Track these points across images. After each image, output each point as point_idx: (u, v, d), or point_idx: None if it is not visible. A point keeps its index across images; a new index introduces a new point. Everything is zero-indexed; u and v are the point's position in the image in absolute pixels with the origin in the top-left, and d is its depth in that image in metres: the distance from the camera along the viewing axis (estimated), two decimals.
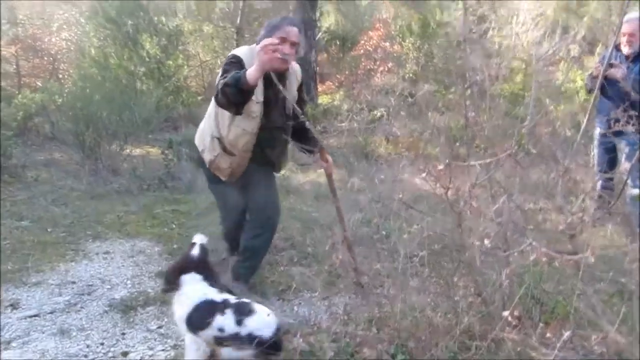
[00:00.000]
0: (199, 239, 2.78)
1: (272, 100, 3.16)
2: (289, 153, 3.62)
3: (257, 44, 3.00)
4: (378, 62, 10.86)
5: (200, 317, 2.48)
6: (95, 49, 8.54)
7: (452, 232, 2.71)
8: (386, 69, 11.06)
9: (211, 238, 4.38)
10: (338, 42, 11.71)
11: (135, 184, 5.70)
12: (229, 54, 3.21)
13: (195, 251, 2.70)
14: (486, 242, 1.98)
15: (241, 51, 3.15)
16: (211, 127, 3.26)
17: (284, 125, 3.25)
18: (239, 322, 2.42)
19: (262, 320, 2.45)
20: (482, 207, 2.75)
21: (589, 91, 4.60)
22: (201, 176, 5.83)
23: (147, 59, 8.47)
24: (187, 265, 2.65)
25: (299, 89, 3.39)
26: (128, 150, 6.50)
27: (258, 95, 3.06)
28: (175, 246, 4.36)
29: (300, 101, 3.36)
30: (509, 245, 2.47)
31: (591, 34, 11.70)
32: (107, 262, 4.10)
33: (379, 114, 8.31)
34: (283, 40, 3.00)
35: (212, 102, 3.18)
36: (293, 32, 3.06)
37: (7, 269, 3.87)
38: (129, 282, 3.82)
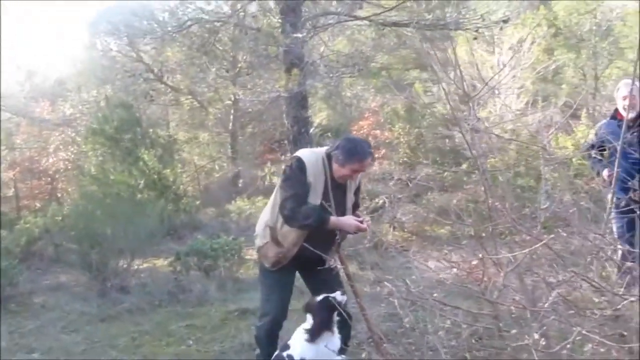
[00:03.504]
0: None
1: (333, 203, 3.29)
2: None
3: (328, 152, 3.30)
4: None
5: None
6: (95, 166, 8.65)
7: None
8: (379, 155, 11.24)
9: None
10: (330, 135, 11.95)
11: (145, 300, 5.55)
12: (294, 155, 3.42)
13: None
14: (536, 335, 1.90)
15: (306, 156, 3.34)
16: (268, 216, 3.40)
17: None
18: None
19: None
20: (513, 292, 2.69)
21: (597, 174, 4.43)
22: (212, 286, 5.76)
23: (146, 171, 8.57)
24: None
25: (356, 192, 3.55)
26: (135, 266, 6.40)
27: (316, 199, 3.24)
28: None
29: (355, 204, 3.57)
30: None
31: (571, 99, 12.04)
32: None
33: (380, 201, 8.32)
34: (355, 171, 3.28)
35: (275, 194, 3.37)
36: (366, 164, 3.31)
37: None
38: None
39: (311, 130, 10.30)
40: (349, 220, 3.24)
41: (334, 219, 3.18)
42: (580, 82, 12.52)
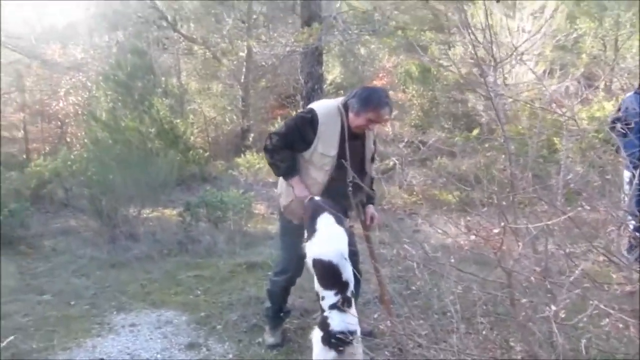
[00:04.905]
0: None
1: (348, 154, 3.24)
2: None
3: (344, 102, 3.25)
4: None
5: None
6: (106, 112, 8.59)
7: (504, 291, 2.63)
8: (392, 116, 11.10)
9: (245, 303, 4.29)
10: (343, 93, 11.82)
11: (155, 249, 5.60)
12: (309, 106, 3.38)
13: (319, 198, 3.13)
14: (553, 308, 1.89)
15: (320, 108, 3.30)
16: None
17: (358, 176, 3.26)
18: None
19: None
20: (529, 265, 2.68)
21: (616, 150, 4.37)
22: (221, 238, 5.79)
23: (158, 120, 8.52)
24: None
25: (374, 142, 3.53)
26: (145, 214, 6.43)
27: (331, 150, 3.20)
28: (202, 314, 4.24)
29: (374, 153, 3.53)
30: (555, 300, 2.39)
31: (588, 70, 11.79)
32: (134, 335, 3.98)
33: (391, 163, 8.28)
34: (371, 122, 3.20)
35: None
36: (384, 114, 3.20)
37: (32, 348, 3.77)
38: (159, 355, 3.71)
39: (324, 87, 10.18)
40: (302, 193, 3.22)
41: (294, 182, 3.25)
42: (600, 53, 12.25)
